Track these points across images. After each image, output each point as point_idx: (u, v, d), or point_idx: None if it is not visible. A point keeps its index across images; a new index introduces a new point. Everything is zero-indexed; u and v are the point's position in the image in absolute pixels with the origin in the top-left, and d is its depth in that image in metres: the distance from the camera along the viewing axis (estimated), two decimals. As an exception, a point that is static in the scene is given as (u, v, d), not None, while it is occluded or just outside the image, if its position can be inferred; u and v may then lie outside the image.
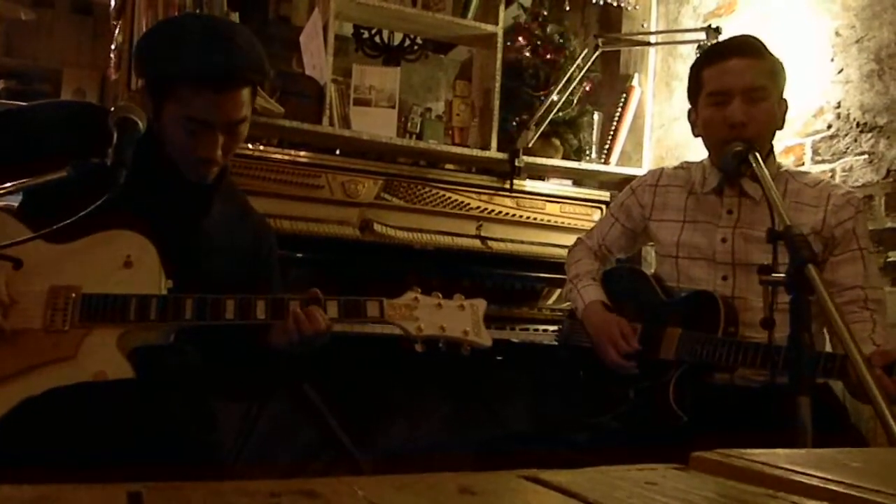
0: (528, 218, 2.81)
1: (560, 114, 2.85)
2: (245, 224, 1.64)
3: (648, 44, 3.03)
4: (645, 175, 2.06)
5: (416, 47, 3.42)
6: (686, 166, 1.96)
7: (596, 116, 3.05)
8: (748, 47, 1.76)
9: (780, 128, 1.82)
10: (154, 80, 1.45)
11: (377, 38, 3.36)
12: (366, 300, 1.46)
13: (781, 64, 1.79)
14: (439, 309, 1.47)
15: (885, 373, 1.43)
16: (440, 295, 1.49)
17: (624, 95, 3.06)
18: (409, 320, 1.45)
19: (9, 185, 1.25)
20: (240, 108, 1.44)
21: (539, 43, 2.90)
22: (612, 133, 3.04)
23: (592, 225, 2.71)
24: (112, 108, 1.37)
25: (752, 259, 1.74)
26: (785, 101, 1.80)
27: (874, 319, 1.67)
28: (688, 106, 1.88)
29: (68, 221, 1.24)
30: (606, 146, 3.04)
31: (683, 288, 1.84)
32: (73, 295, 1.33)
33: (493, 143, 2.77)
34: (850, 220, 1.73)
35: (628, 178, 2.94)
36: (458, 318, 1.47)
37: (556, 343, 2.19)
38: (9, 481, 0.44)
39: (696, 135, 1.87)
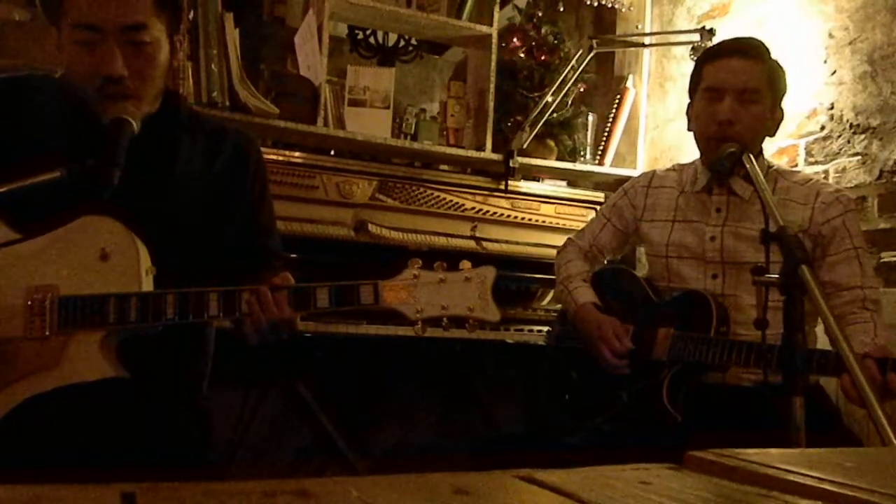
0: (522, 219, 2.81)
1: (554, 115, 2.85)
2: (221, 150, 1.51)
3: (643, 45, 3.04)
4: (637, 177, 2.07)
5: (410, 48, 3.41)
6: (678, 168, 1.98)
7: (590, 117, 3.06)
8: (750, 48, 1.78)
9: (772, 135, 1.83)
10: (46, 10, 1.37)
11: (372, 39, 3.36)
12: (359, 284, 1.33)
13: (783, 71, 1.80)
14: (441, 285, 1.34)
15: (877, 368, 1.43)
16: (444, 266, 1.36)
17: (618, 97, 3.07)
18: (408, 303, 1.33)
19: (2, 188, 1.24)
20: (131, 8, 1.31)
21: (534, 44, 2.91)
22: (606, 134, 3.05)
23: (586, 226, 2.73)
24: None
25: (742, 257, 1.75)
26: (781, 109, 1.81)
27: (874, 320, 1.68)
28: (683, 106, 1.90)
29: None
30: (601, 147, 3.04)
31: (674, 287, 1.85)
32: (50, 298, 1.27)
33: (488, 144, 2.77)
34: (839, 217, 1.73)
35: (622, 180, 2.94)
36: (462, 294, 1.34)
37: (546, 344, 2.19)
38: (2, 482, 0.44)
39: (689, 129, 1.89)
